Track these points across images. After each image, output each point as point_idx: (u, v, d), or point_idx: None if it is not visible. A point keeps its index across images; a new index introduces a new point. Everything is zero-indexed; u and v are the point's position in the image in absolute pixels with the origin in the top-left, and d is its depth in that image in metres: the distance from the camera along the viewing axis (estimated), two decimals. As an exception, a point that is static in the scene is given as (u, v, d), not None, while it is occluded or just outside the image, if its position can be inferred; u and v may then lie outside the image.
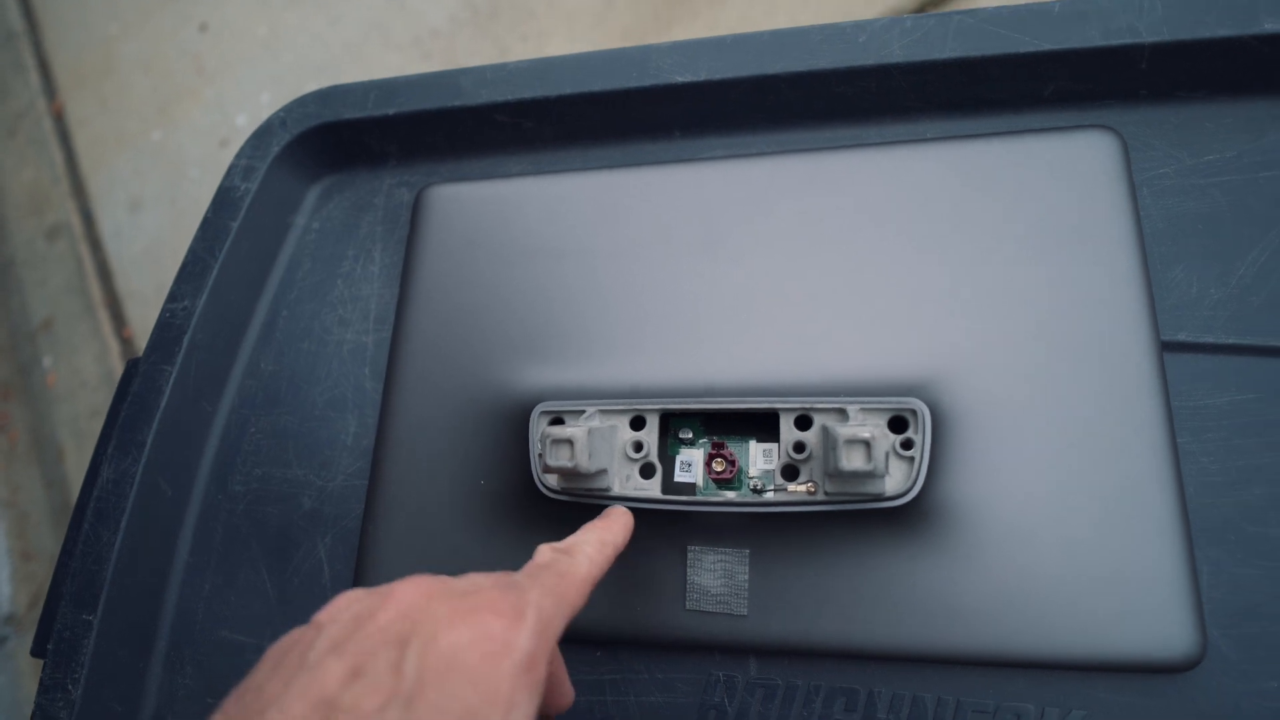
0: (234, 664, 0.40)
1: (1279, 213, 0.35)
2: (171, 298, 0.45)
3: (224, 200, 0.46)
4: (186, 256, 0.46)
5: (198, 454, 0.44)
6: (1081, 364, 0.33)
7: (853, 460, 0.29)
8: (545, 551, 0.27)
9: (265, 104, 1.20)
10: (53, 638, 0.39)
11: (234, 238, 0.45)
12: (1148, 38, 0.35)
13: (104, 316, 1.16)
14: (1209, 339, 0.34)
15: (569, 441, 0.32)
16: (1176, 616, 0.30)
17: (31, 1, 1.51)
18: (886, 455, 0.30)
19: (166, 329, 0.44)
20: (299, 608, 0.40)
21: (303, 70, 1.27)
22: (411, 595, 0.22)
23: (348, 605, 0.23)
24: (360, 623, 0.21)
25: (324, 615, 0.23)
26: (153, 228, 1.18)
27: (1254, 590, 0.31)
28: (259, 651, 0.39)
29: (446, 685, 0.20)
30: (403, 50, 1.17)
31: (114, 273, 1.18)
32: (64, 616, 0.39)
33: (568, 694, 0.28)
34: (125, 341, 1.14)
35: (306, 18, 1.24)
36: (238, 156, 0.48)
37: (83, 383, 1.10)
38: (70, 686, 0.38)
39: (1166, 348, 0.34)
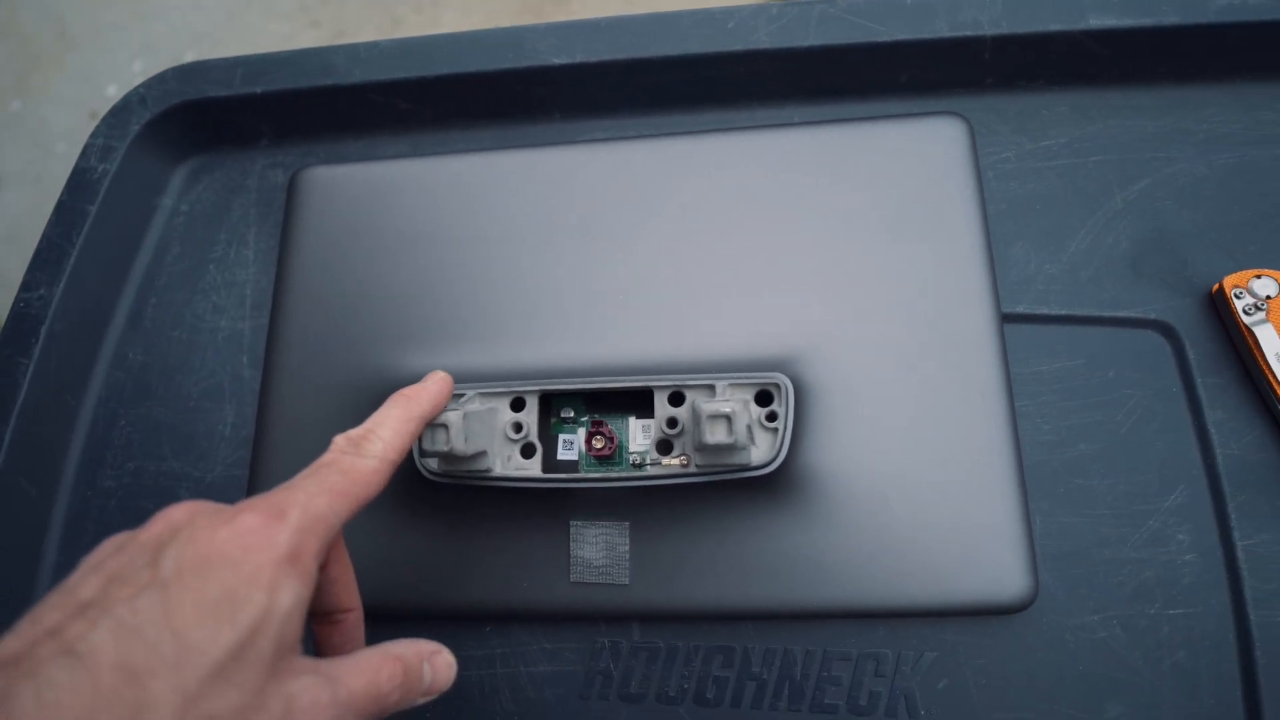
0: (111, 664, 0.38)
1: (1103, 194, 0.38)
2: (25, 286, 0.42)
3: (80, 182, 0.44)
4: (40, 243, 0.43)
5: (62, 450, 0.42)
6: (930, 336, 0.36)
7: (716, 434, 0.31)
8: (336, 443, 0.26)
9: (138, 73, 1.12)
10: (-96, 650, 0.37)
11: (92, 222, 0.43)
12: (989, 30, 0.38)
13: (-37, 305, 1.07)
14: (1044, 310, 0.38)
15: (444, 426, 0.32)
16: (1014, 563, 0.33)
17: None
18: (748, 428, 0.32)
19: (21, 319, 0.42)
20: (179, 603, 0.39)
21: (179, 38, 1.19)
22: (175, 514, 0.22)
23: (113, 540, 0.23)
24: (121, 546, 0.22)
25: (90, 555, 0.22)
26: (16, 208, 1.09)
27: (1078, 536, 0.34)
28: (137, 650, 0.39)
29: (204, 573, 0.20)
30: (289, 18, 1.12)
31: (22, 279, 1.09)
32: (-84, 627, 0.37)
33: (353, 599, 0.28)
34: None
35: (182, -19, 1.16)
36: (93, 136, 0.45)
37: (-58, 376, 1.01)
38: (-73, 699, 0.36)
39: (1006, 319, 0.37)
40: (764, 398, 0.35)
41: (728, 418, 0.31)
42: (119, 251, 0.45)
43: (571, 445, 0.37)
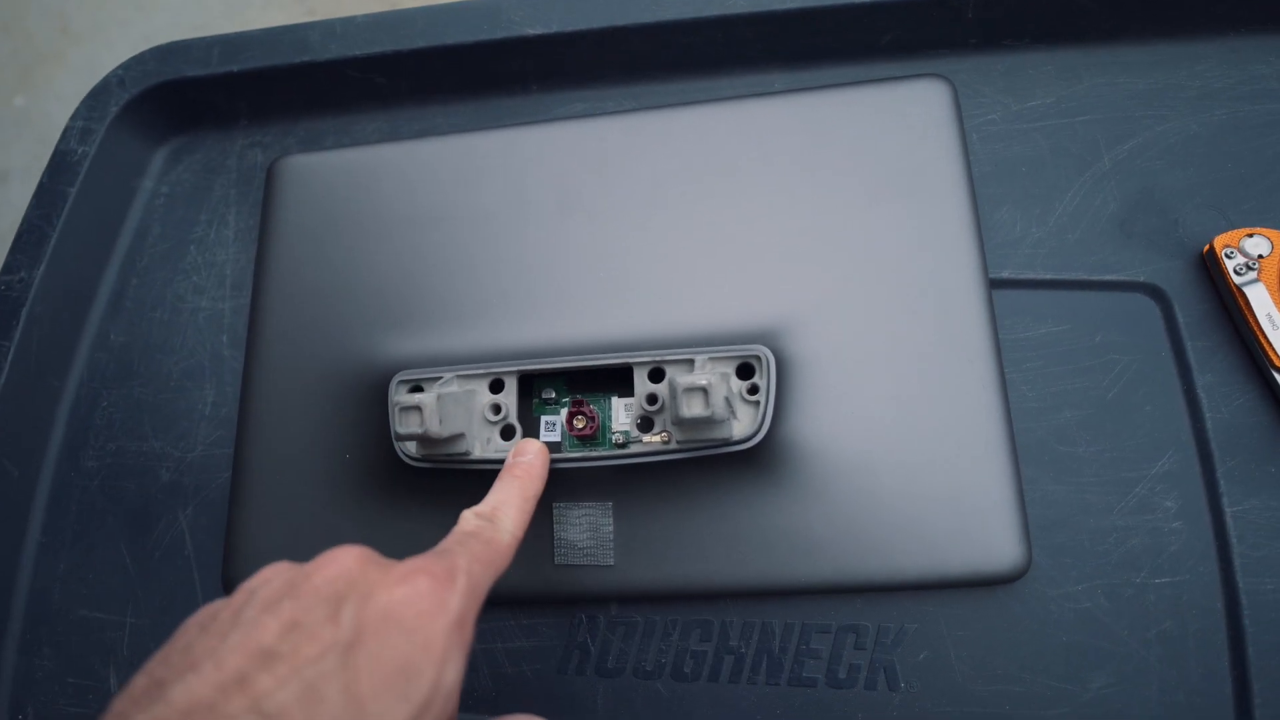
0: (94, 642, 0.39)
1: (1091, 155, 0.37)
2: (6, 269, 0.42)
3: (59, 165, 0.44)
4: (21, 225, 0.43)
5: (45, 431, 0.42)
6: (917, 304, 0.35)
7: (692, 407, 0.30)
8: (469, 519, 0.27)
9: (139, 66, 1.12)
10: (-109, 629, 0.37)
11: (72, 204, 0.43)
12: (970, -13, 0.37)
13: (-29, 298, 1.09)
14: (1030, 275, 0.37)
15: (418, 408, 0.31)
16: (1006, 532, 0.32)
17: None
18: (727, 400, 0.31)
19: (3, 303, 0.42)
20: (162, 580, 0.39)
21: (178, 30, 1.19)
22: (346, 560, 0.22)
23: (278, 572, 0.23)
24: (294, 585, 0.22)
25: (253, 582, 0.22)
26: (21, 201, 1.10)
27: (1063, 504, 0.33)
28: (121, 628, 0.39)
29: (383, 637, 0.20)
30: (285, 7, 1.12)
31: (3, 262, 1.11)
32: (-98, 606, 0.37)
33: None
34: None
35: (182, -27, 1.16)
36: (73, 118, 0.45)
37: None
38: (-88, 677, 0.36)
39: (993, 284, 0.36)
40: (746, 371, 0.34)
41: (704, 390, 0.30)
42: (100, 233, 0.45)
43: (554, 426, 0.36)
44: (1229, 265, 0.33)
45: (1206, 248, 0.34)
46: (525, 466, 0.30)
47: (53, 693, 0.38)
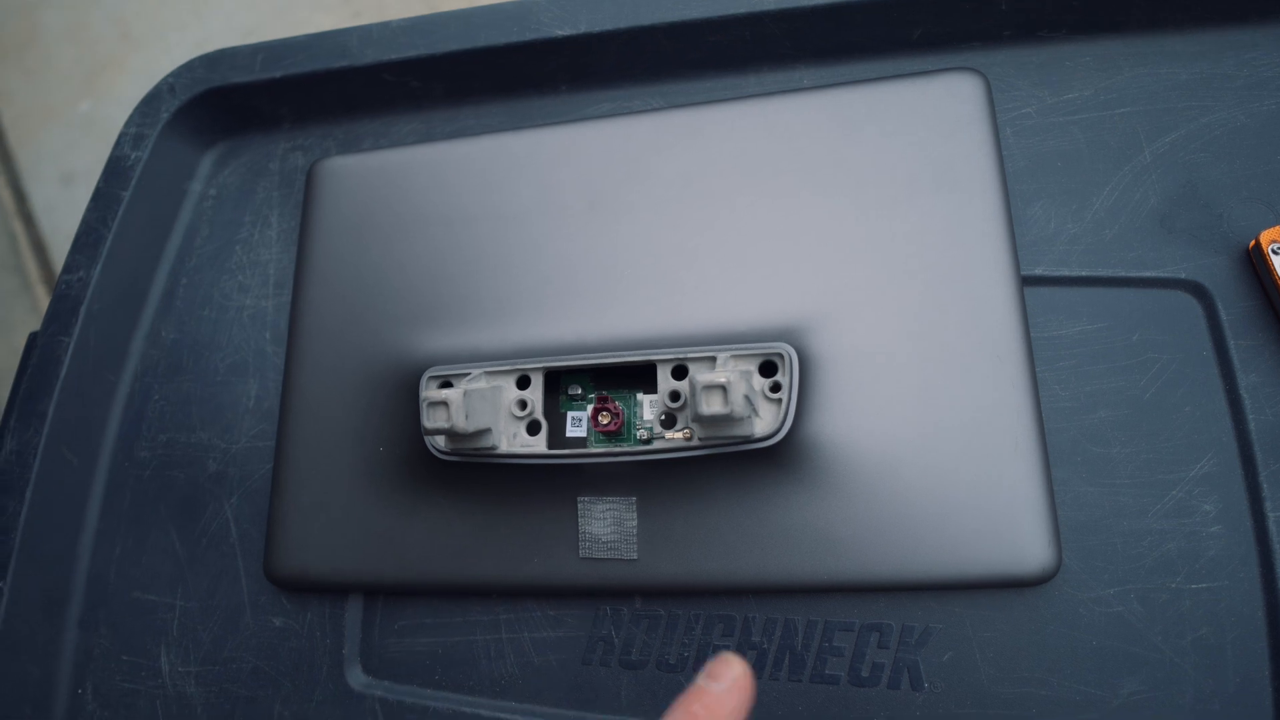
0: (147, 623, 0.41)
1: (1130, 148, 0.36)
2: (67, 269, 0.45)
3: (114, 170, 0.46)
4: (80, 227, 0.45)
5: (102, 422, 0.44)
6: (946, 302, 0.34)
7: (712, 405, 0.30)
8: None
9: (195, 71, 1.17)
10: (-36, 606, 0.40)
11: (126, 207, 0.45)
12: (1004, -23, 0.36)
13: (41, 293, 1.14)
14: (1064, 272, 0.36)
15: (445, 403, 0.32)
16: (1035, 534, 0.31)
17: (-52, -31, 1.44)
18: (747, 398, 0.31)
19: (63, 301, 0.44)
20: (208, 566, 0.41)
21: (230, 34, 1.23)
22: None
23: None
24: None
25: None
26: (86, 202, 1.15)
27: (1095, 506, 0.33)
28: (171, 610, 0.41)
29: None
30: (332, 10, 1.15)
31: (50, 249, 1.16)
32: (-27, 585, 0.40)
33: None
34: (67, 320, 1.11)
35: (235, -21, 1.20)
36: (127, 125, 0.47)
37: (24, 363, 1.09)
38: (-17, 652, 0.39)
39: (1026, 282, 0.36)
40: (769, 369, 0.34)
41: (723, 388, 0.30)
42: (153, 234, 0.47)
43: (580, 422, 0.37)
44: (1276, 261, 0.32)
45: (1252, 243, 0.33)
46: (714, 699, 0.23)
47: (109, 669, 0.41)
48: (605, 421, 0.35)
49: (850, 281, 0.35)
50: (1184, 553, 0.31)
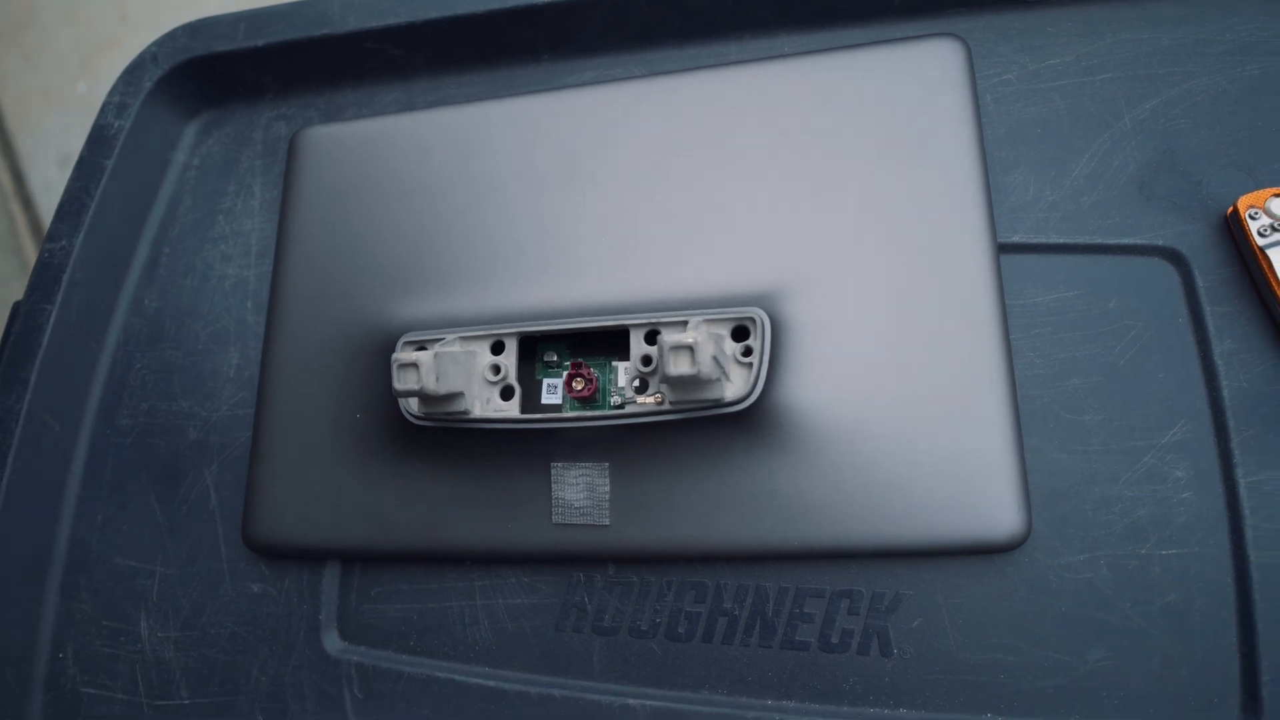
0: (127, 588, 0.41)
1: (1110, 115, 0.36)
2: (49, 237, 0.45)
3: (97, 138, 0.46)
4: (63, 196, 0.46)
5: (84, 390, 0.44)
6: (921, 269, 0.34)
7: (679, 365, 0.30)
8: None
9: (193, 52, 1.17)
10: (-54, 570, 0.40)
11: (109, 176, 0.45)
12: (984, -60, 0.36)
13: (39, 275, 1.15)
14: (1041, 239, 0.35)
15: (414, 365, 0.32)
16: (1005, 501, 0.31)
17: (-51, -49, 1.44)
18: (715, 360, 0.31)
19: (45, 269, 0.44)
20: (188, 533, 0.41)
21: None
22: None
23: None
24: None
25: None
26: (85, 184, 1.16)
27: (1067, 473, 0.33)
28: (151, 576, 0.41)
29: None
30: (328, -9, 1.15)
31: (47, 230, 1.17)
32: (-44, 550, 0.40)
33: None
34: (66, 301, 1.12)
35: (232, -40, 1.20)
36: (110, 94, 0.47)
37: (23, 343, 1.09)
38: (-36, 615, 0.39)
39: (1002, 249, 0.35)
40: (741, 333, 0.34)
41: (690, 348, 0.30)
42: (136, 203, 0.47)
43: (555, 389, 0.37)
44: (1253, 227, 0.32)
45: (1230, 209, 0.33)
46: None
47: (89, 634, 0.41)
48: (579, 387, 0.35)
49: (826, 248, 0.35)
50: (1154, 519, 0.31)
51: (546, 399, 0.37)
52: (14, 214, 1.21)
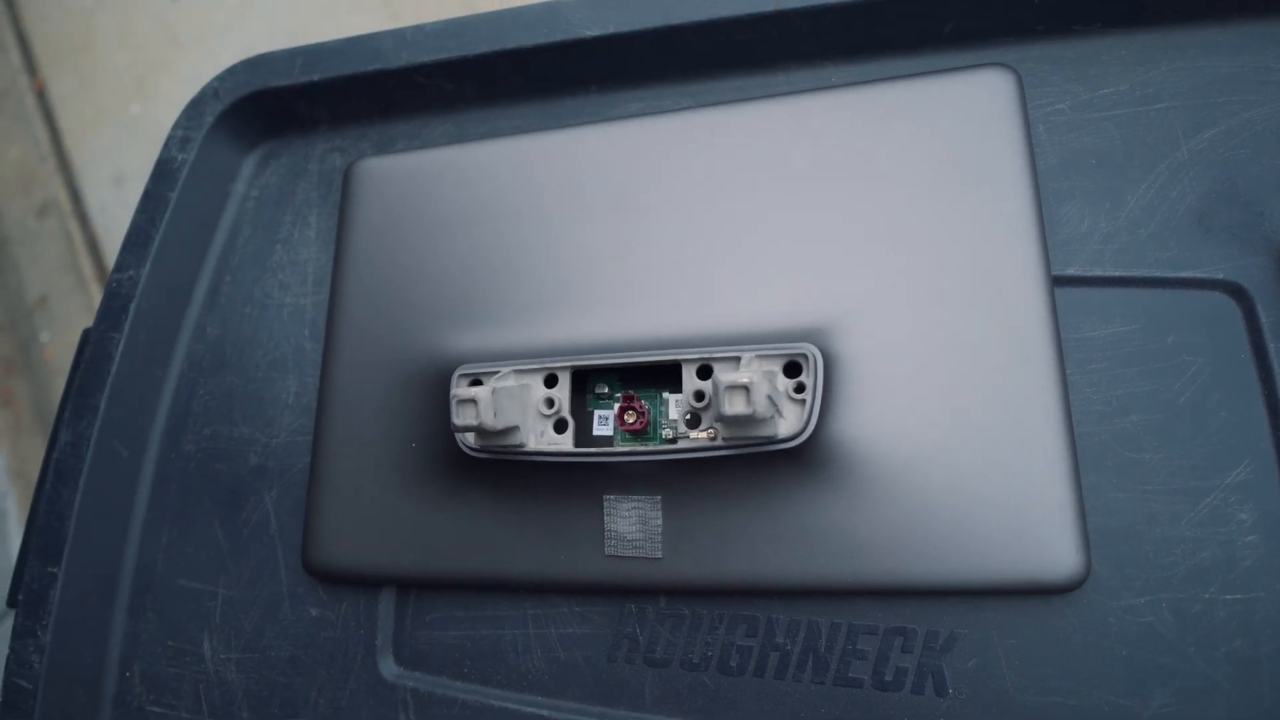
0: (191, 610, 0.42)
1: (1167, 144, 0.35)
2: (117, 268, 0.47)
3: (162, 171, 0.48)
4: (130, 228, 0.47)
5: (150, 416, 0.46)
6: (974, 302, 0.34)
7: (734, 405, 0.30)
8: None
9: (240, 72, 1.20)
10: (22, 589, 0.42)
11: (174, 208, 0.47)
12: (1038, -28, 0.35)
13: (95, 291, 1.19)
14: (1097, 272, 0.35)
15: (473, 401, 0.33)
16: (1063, 540, 0.31)
17: (9, -23, 1.51)
18: (769, 399, 0.31)
19: (114, 298, 0.46)
20: (249, 556, 0.42)
21: (274, 37, 1.26)
22: None
23: None
24: None
25: None
26: (137, 201, 1.20)
27: (1127, 513, 0.32)
28: (214, 598, 0.42)
29: None
30: (369, 13, 1.17)
31: (103, 247, 1.21)
32: (32, 569, 0.42)
33: None
34: (120, 315, 1.16)
35: (278, -18, 1.24)
36: (174, 128, 0.49)
37: (80, 356, 1.14)
38: (39, 633, 0.41)
39: (1057, 282, 0.35)
40: (793, 369, 0.34)
41: (745, 388, 0.30)
42: (198, 234, 0.49)
43: (607, 421, 0.37)
44: (1320, 262, 0.31)
45: (1296, 243, 0.32)
46: None
47: (155, 654, 0.42)
48: (631, 420, 0.36)
49: (877, 281, 0.35)
50: (1218, 562, 0.30)
51: (598, 430, 0.37)
52: (71, 230, 1.26)
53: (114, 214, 1.24)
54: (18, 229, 1.28)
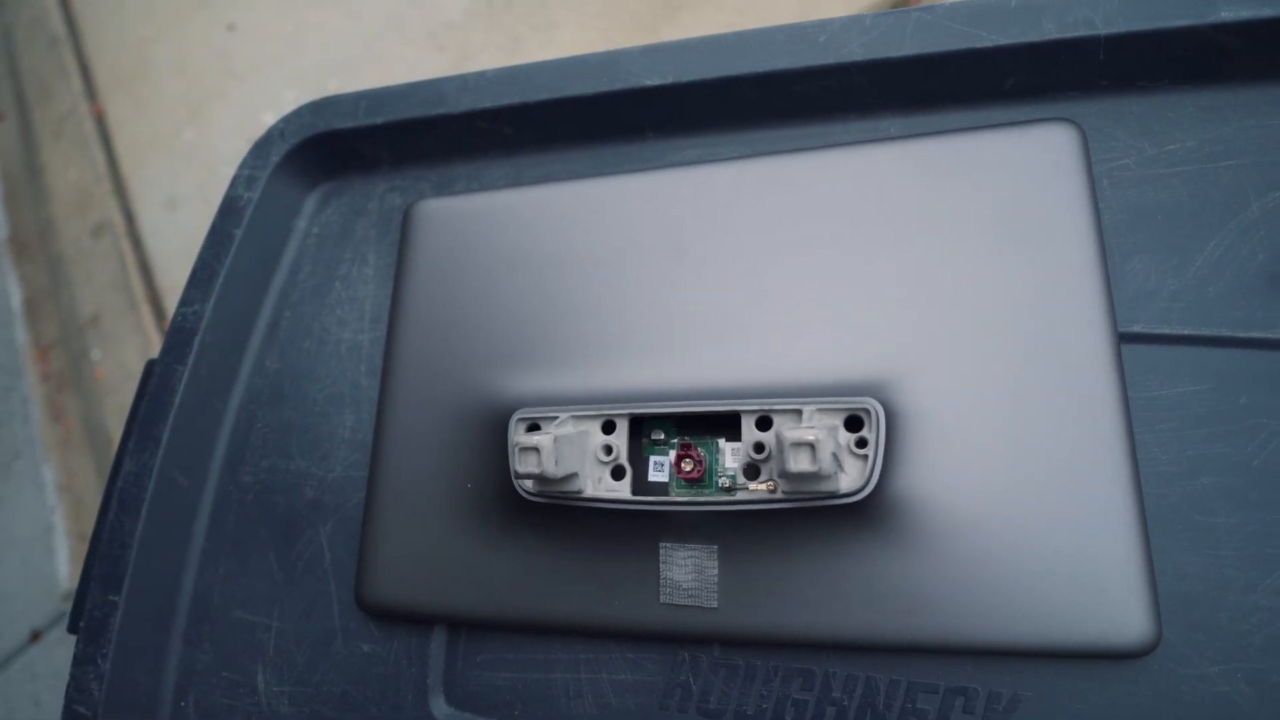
0: (246, 641, 0.43)
1: (1237, 202, 0.35)
2: (183, 302, 0.48)
3: (229, 209, 0.49)
4: (196, 263, 0.49)
5: (210, 448, 0.47)
6: (1038, 358, 0.34)
7: (799, 462, 0.30)
8: None
9: (290, 101, 1.24)
10: (84, 616, 0.43)
11: (239, 244, 0.48)
12: (1103, 30, 0.35)
13: (146, 311, 1.22)
14: (1165, 330, 0.35)
15: (535, 449, 0.33)
16: (1133, 603, 0.30)
17: (72, 6, 1.58)
18: (834, 456, 0.31)
19: (179, 332, 0.47)
20: (303, 589, 0.43)
21: (325, 67, 1.30)
22: None
23: None
24: None
25: None
26: (189, 225, 1.24)
27: (1199, 578, 0.31)
28: (268, 630, 0.43)
29: None
30: (417, 44, 1.20)
31: (154, 269, 1.25)
32: (93, 597, 0.43)
33: None
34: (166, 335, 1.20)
35: (329, 15, 1.27)
36: (241, 167, 0.50)
37: (128, 375, 1.17)
38: (99, 660, 0.42)
39: (1122, 339, 0.35)
40: (854, 423, 0.34)
41: (811, 446, 0.30)
42: (260, 270, 0.50)
43: (662, 467, 0.37)
44: (1401, 327, 0.30)
45: (1374, 306, 0.32)
46: None
47: (209, 685, 0.43)
48: (688, 469, 0.36)
49: (938, 335, 0.35)
50: (1297, 632, 0.30)
51: (653, 476, 0.38)
52: (124, 252, 1.29)
53: (166, 237, 1.27)
54: (73, 248, 1.32)
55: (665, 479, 0.37)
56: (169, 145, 1.33)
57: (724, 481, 0.36)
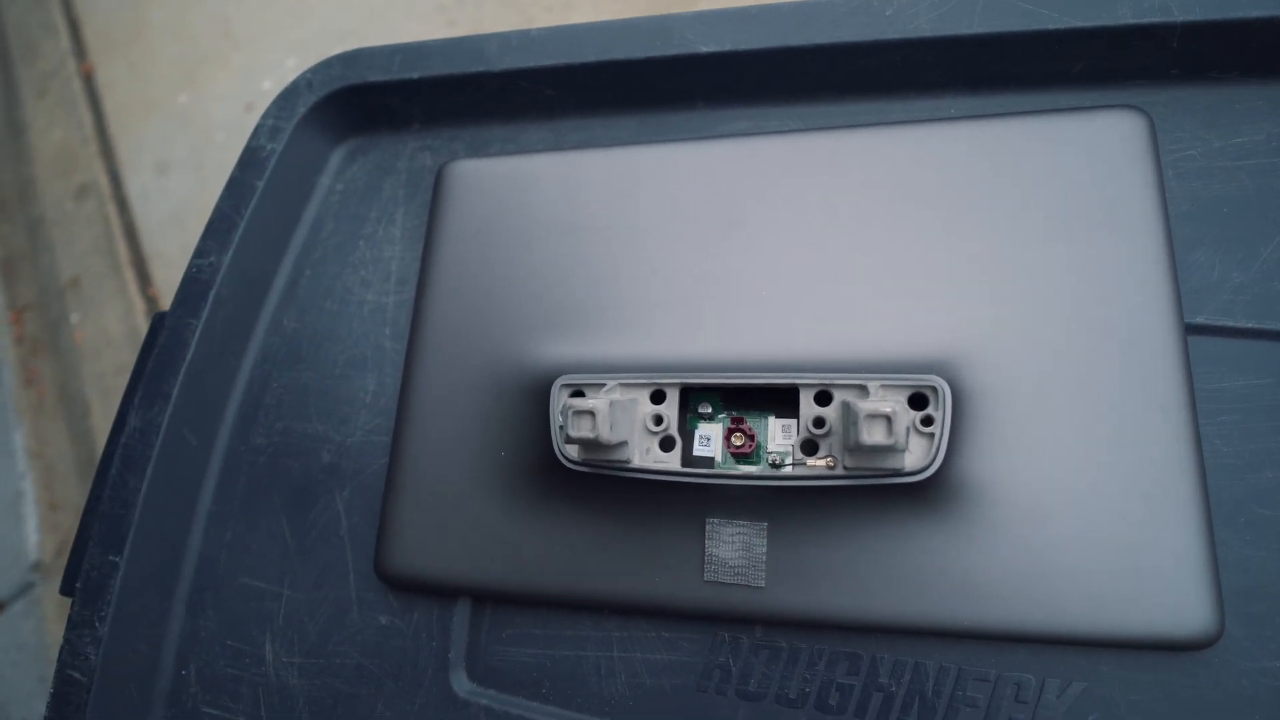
0: (253, 609, 0.41)
1: (1306, 197, 0.35)
2: (198, 253, 0.46)
3: (250, 160, 0.47)
4: (213, 214, 0.46)
5: (221, 406, 0.45)
6: (1104, 344, 0.33)
7: (874, 435, 0.29)
8: None
9: (290, 69, 1.21)
10: (81, 577, 0.40)
11: (259, 197, 0.46)
12: (1180, 16, 0.35)
13: (130, 276, 1.18)
14: (1229, 323, 0.34)
15: (590, 413, 0.32)
16: (1196, 594, 0.30)
17: (62, -37, 1.52)
18: (907, 430, 0.30)
19: (193, 283, 0.45)
20: (317, 558, 0.41)
21: (327, 37, 1.27)
22: None
23: None
24: None
25: None
26: (179, 191, 1.20)
27: (1261, 571, 0.31)
28: (278, 599, 0.41)
29: None
30: (426, 19, 1.18)
31: (140, 234, 1.20)
32: (92, 557, 0.41)
33: None
34: (150, 300, 1.16)
35: (333, -16, 1.24)
36: (264, 116, 0.48)
37: (108, 340, 1.13)
38: (97, 624, 0.39)
39: (1187, 330, 0.34)
40: (918, 401, 0.33)
41: (888, 418, 0.29)
42: (281, 225, 0.48)
43: (708, 441, 0.36)
44: None
45: None
46: None
47: (213, 653, 0.41)
48: (739, 444, 0.35)
49: (1004, 317, 0.34)
50: (1364, 629, 0.29)
51: (699, 450, 0.36)
52: (109, 215, 1.25)
53: (154, 202, 1.23)
54: (54, 209, 1.27)
55: (711, 453, 0.36)
56: (162, 109, 1.29)
57: (773, 458, 0.35)
